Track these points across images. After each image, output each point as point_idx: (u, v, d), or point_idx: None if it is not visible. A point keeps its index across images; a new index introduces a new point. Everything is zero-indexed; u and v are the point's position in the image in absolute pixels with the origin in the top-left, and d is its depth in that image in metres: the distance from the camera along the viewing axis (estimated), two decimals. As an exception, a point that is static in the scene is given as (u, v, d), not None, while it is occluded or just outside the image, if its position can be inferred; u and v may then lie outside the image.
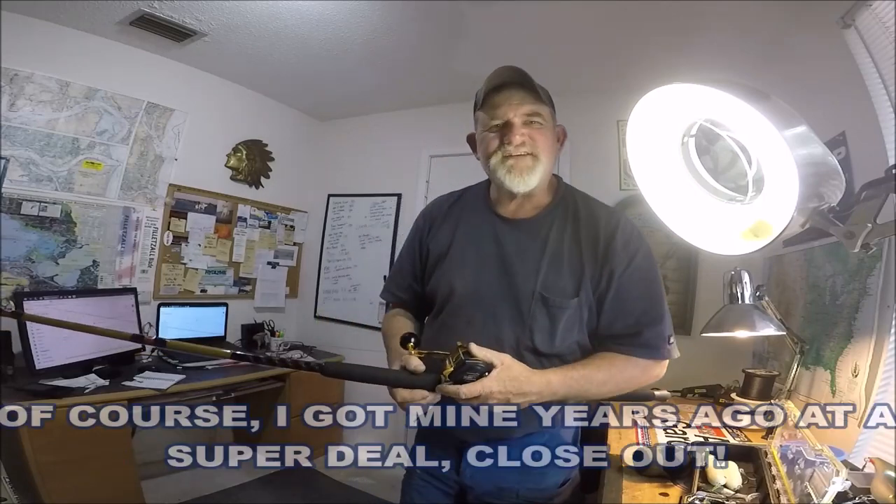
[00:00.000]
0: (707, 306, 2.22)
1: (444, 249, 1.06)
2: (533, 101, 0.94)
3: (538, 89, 0.94)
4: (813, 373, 1.47)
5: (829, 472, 0.76)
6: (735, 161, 0.69)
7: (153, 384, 2.08)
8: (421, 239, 1.13)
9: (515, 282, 0.96)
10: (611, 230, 0.96)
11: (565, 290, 0.95)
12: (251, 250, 3.26)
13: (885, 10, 1.19)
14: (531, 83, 0.94)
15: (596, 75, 2.50)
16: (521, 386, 0.82)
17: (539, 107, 0.95)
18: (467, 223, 1.06)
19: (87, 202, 2.42)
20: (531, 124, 0.94)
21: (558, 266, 0.96)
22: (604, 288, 0.95)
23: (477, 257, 1.01)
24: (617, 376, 0.93)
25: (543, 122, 0.96)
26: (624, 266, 0.95)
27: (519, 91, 0.94)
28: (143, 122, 2.60)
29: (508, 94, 0.94)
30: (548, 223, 0.99)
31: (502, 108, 0.94)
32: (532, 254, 0.97)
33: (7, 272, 2.15)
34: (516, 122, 0.93)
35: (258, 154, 3.27)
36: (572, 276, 0.95)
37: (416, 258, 1.13)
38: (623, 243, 0.95)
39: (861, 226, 0.58)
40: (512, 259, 0.98)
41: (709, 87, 0.63)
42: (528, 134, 0.94)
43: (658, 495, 1.03)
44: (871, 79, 1.25)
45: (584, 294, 0.95)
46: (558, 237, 0.98)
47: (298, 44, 2.39)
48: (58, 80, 2.27)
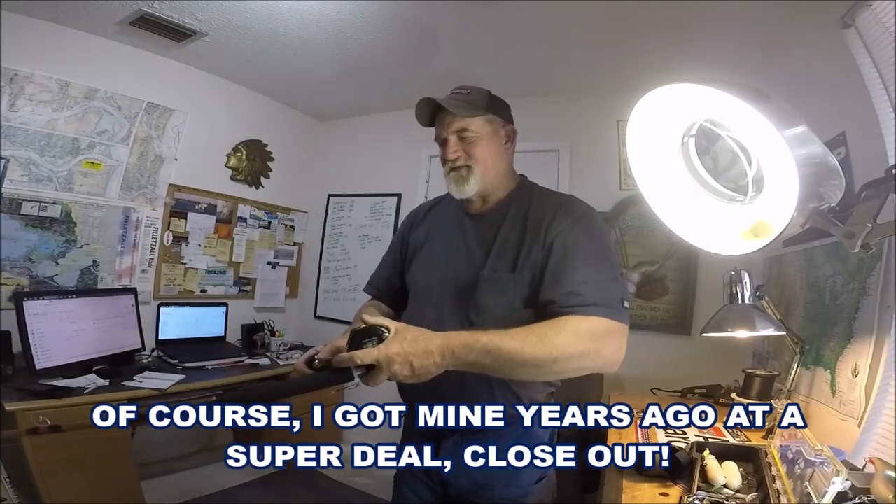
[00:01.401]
0: (707, 306, 2.22)
1: (421, 243, 1.18)
2: (460, 118, 1.04)
3: (460, 109, 1.03)
4: (813, 373, 1.47)
5: (829, 472, 0.76)
6: (735, 161, 0.69)
7: (153, 384, 2.08)
8: (403, 236, 1.25)
9: (471, 268, 1.04)
10: (557, 206, 1.02)
11: (507, 268, 1.00)
12: (251, 250, 3.27)
13: (885, 10, 1.19)
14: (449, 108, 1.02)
15: (596, 75, 2.50)
16: (421, 344, 0.79)
17: (466, 122, 1.04)
18: (443, 221, 1.18)
19: (87, 202, 2.42)
20: (463, 139, 1.05)
21: (504, 247, 1.03)
22: (545, 255, 0.97)
23: (447, 249, 1.11)
24: (540, 339, 0.82)
25: (475, 134, 1.04)
26: (566, 233, 0.97)
27: (448, 113, 1.04)
28: (143, 122, 2.61)
29: (440, 116, 1.07)
30: (503, 213, 1.08)
31: (437, 129, 1.08)
32: (486, 241, 1.06)
33: (7, 272, 2.15)
34: (450, 139, 1.05)
35: (258, 154, 3.27)
36: (513, 255, 1.01)
37: (397, 254, 1.25)
38: (566, 213, 1.00)
39: (861, 226, 0.58)
40: (471, 248, 1.07)
41: (709, 87, 0.63)
42: (461, 148, 1.05)
43: (658, 495, 1.03)
44: (871, 79, 1.25)
45: (522, 268, 0.98)
46: (510, 224, 1.05)
47: (298, 44, 2.39)
48: (58, 80, 2.27)
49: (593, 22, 2.00)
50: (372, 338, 0.80)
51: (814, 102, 1.55)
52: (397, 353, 0.78)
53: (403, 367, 0.78)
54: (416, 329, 0.83)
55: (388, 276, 1.26)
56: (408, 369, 0.79)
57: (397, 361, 0.78)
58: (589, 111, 2.67)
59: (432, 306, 1.06)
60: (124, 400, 1.91)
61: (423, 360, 0.79)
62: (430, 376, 0.81)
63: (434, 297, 1.07)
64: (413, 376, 0.79)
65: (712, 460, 1.09)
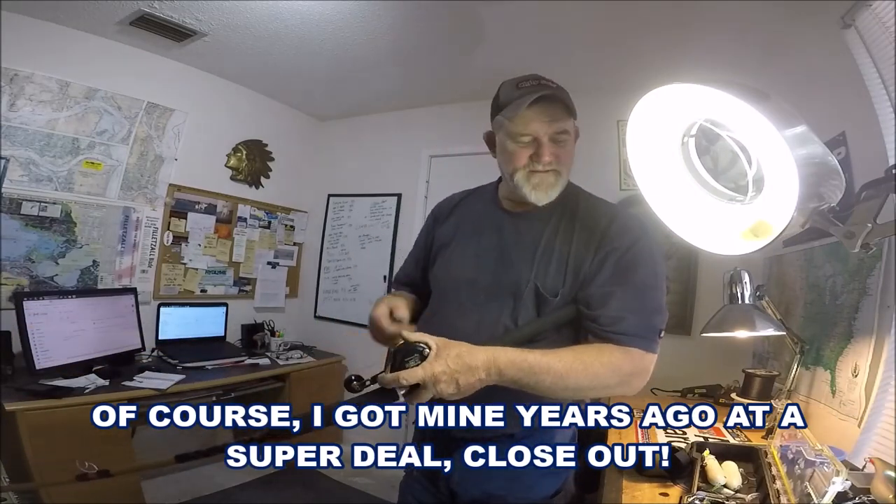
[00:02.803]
0: (707, 306, 2.22)
1: (449, 239, 1.10)
2: (565, 118, 0.93)
3: (569, 104, 0.93)
4: (813, 373, 1.47)
5: (829, 472, 0.76)
6: (735, 161, 0.69)
7: (153, 384, 2.08)
8: (429, 231, 1.18)
9: (511, 270, 0.97)
10: (608, 220, 0.96)
11: (555, 282, 0.94)
12: (251, 250, 3.27)
13: (885, 10, 1.19)
14: (565, 100, 0.92)
15: (596, 75, 2.49)
16: (466, 360, 0.77)
17: (567, 123, 0.94)
18: (473, 215, 1.10)
19: (87, 202, 2.42)
20: (558, 142, 0.94)
21: (549, 258, 0.96)
22: (595, 270, 0.92)
23: (478, 247, 1.04)
24: (585, 367, 0.83)
25: (568, 137, 0.96)
26: (621, 252, 0.91)
27: (550, 107, 0.92)
28: (143, 122, 2.61)
29: (541, 109, 0.91)
30: (547, 217, 1.00)
31: (534, 125, 0.92)
32: (529, 245, 0.98)
33: (7, 272, 2.15)
34: (546, 140, 0.93)
35: (258, 154, 3.27)
36: (560, 268, 0.95)
37: (422, 249, 1.18)
38: (622, 230, 0.94)
39: (861, 226, 0.58)
40: (510, 249, 1.00)
41: (709, 87, 0.63)
42: (555, 153, 0.94)
43: (658, 495, 1.03)
44: (871, 79, 1.25)
45: (569, 286, 0.93)
46: (554, 230, 0.98)
47: (298, 44, 2.39)
48: (58, 80, 2.27)
49: (593, 22, 2.00)
50: (413, 355, 0.78)
51: (814, 102, 1.55)
52: (443, 371, 0.76)
53: (449, 386, 0.76)
54: (459, 344, 0.80)
55: (412, 272, 1.20)
56: (453, 387, 0.76)
57: (443, 380, 0.76)
58: (589, 111, 2.65)
59: (457, 306, 1.00)
60: (124, 400, 1.91)
61: (468, 378, 0.77)
62: (474, 391, 0.80)
63: (461, 296, 1.01)
64: (458, 393, 0.78)
65: (712, 460, 1.09)
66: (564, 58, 2.36)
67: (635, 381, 0.88)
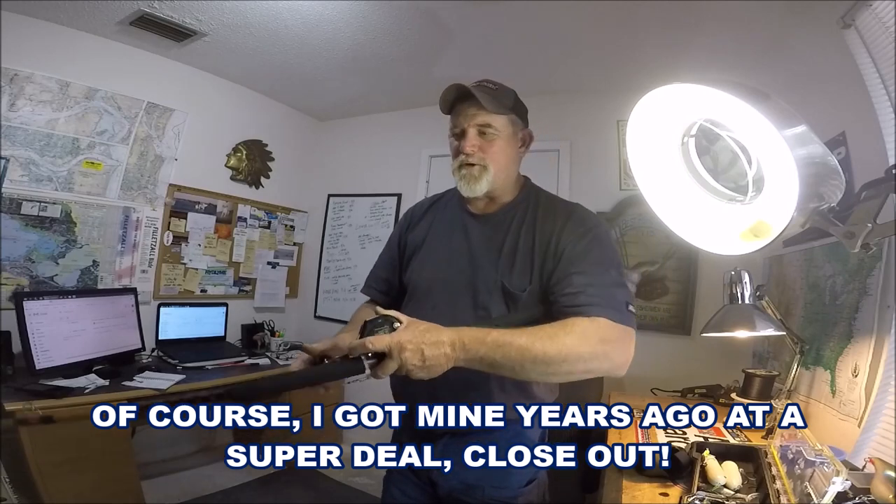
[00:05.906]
0: (707, 306, 2.22)
1: (420, 242, 1.16)
2: (486, 113, 1.01)
3: (490, 104, 1.00)
4: (813, 373, 1.47)
5: (829, 472, 0.76)
6: (735, 161, 0.69)
7: (153, 384, 2.07)
8: (401, 235, 1.23)
9: (478, 272, 1.03)
10: (566, 215, 1.02)
11: (521, 279, 1.00)
12: (251, 250, 3.27)
13: (885, 10, 1.19)
14: (480, 99, 1.00)
15: (596, 75, 2.50)
16: (433, 334, 0.79)
17: (492, 118, 1.02)
18: (442, 219, 1.16)
19: (87, 202, 2.42)
20: (483, 135, 1.03)
21: (513, 256, 1.01)
22: (554, 265, 0.97)
23: (448, 249, 1.09)
24: (550, 337, 0.83)
25: (497, 133, 1.03)
26: (574, 242, 0.97)
27: (473, 104, 1.01)
28: (143, 122, 2.60)
29: (462, 105, 1.04)
30: (509, 217, 1.06)
31: (459, 118, 1.05)
32: (494, 245, 1.04)
33: (7, 272, 2.15)
34: (470, 132, 1.03)
35: (258, 154, 3.27)
36: (526, 266, 1.00)
37: (394, 253, 1.23)
38: (576, 224, 1.00)
39: (861, 226, 0.58)
40: (476, 251, 1.06)
41: (709, 87, 0.63)
42: (478, 145, 1.03)
43: (658, 495, 1.03)
44: (871, 79, 1.25)
45: (535, 282, 0.98)
46: (517, 229, 1.04)
47: (298, 44, 2.39)
48: (58, 80, 2.27)
49: (593, 22, 2.00)
50: (384, 326, 0.79)
51: (814, 102, 1.54)
52: (409, 339, 0.77)
53: (414, 356, 0.76)
54: (428, 322, 0.82)
55: (387, 277, 1.23)
56: (419, 358, 0.76)
57: (408, 349, 0.76)
58: (589, 111, 2.67)
59: (431, 307, 1.04)
60: (124, 400, 1.91)
61: (434, 350, 0.77)
62: (441, 370, 0.79)
63: (433, 298, 1.06)
64: (423, 367, 0.77)
65: (712, 460, 1.08)
66: (565, 58, 2.36)
67: (613, 354, 0.87)
